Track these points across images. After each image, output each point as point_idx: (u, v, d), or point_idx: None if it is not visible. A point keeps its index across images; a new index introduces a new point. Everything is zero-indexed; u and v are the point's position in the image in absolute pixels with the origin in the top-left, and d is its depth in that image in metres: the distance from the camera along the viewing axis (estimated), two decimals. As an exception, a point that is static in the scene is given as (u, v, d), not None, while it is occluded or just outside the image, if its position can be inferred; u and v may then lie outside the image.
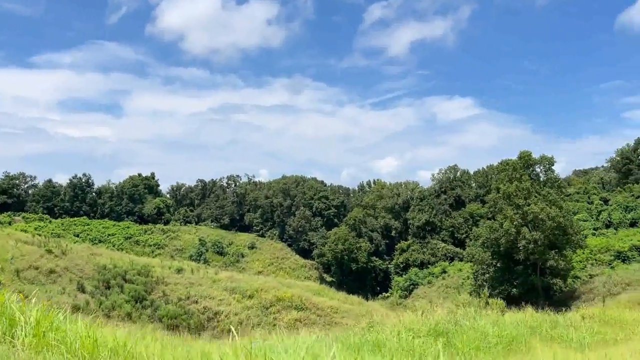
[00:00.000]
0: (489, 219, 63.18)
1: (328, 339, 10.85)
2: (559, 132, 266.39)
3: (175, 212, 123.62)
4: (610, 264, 69.74)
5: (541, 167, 61.65)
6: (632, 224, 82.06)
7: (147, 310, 39.98)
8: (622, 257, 70.81)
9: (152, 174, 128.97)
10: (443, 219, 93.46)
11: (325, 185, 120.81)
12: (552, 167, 61.80)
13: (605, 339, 15.45)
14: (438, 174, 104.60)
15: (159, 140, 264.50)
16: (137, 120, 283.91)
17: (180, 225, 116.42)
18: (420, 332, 10.99)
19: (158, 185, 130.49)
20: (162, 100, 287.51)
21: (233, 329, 9.28)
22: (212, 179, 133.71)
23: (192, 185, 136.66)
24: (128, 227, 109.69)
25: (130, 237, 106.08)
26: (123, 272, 43.74)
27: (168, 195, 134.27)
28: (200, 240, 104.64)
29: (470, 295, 73.69)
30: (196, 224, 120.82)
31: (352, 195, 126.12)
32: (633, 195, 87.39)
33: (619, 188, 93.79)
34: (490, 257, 59.76)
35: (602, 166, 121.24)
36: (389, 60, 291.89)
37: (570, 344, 15.07)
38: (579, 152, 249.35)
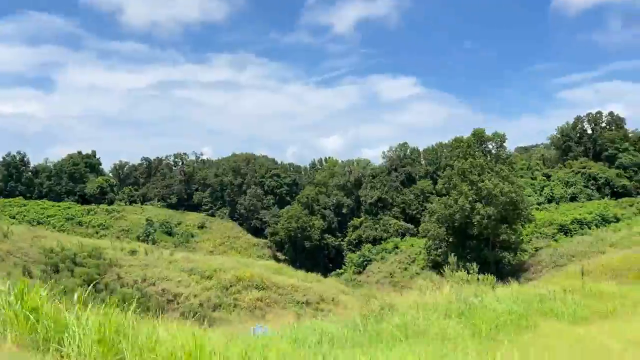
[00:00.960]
0: (443, 195, 64.32)
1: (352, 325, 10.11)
2: (498, 111, 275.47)
3: (120, 192, 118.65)
4: (554, 237, 73.07)
5: (493, 144, 63.09)
6: (572, 199, 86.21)
7: (102, 294, 37.85)
8: (565, 230, 74.36)
9: (93, 152, 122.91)
10: (394, 196, 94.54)
11: (277, 163, 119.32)
12: (504, 144, 63.39)
13: (596, 312, 15.54)
14: (388, 151, 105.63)
15: (95, 117, 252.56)
16: (72, 96, 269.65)
17: (125, 205, 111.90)
18: (440, 313, 10.46)
19: (100, 164, 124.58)
20: (98, 75, 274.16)
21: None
22: (158, 157, 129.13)
23: (137, 164, 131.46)
24: (69, 208, 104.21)
25: (71, 218, 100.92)
26: (72, 255, 41.18)
27: (111, 174, 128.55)
28: (147, 220, 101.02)
29: (423, 269, 75.57)
30: (142, 203, 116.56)
31: (303, 173, 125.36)
32: (573, 171, 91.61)
33: (559, 164, 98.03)
34: (444, 233, 60.93)
35: (542, 143, 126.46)
36: (333, 38, 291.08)
37: (564, 317, 15.05)
38: (517, 131, 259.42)
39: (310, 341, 8.46)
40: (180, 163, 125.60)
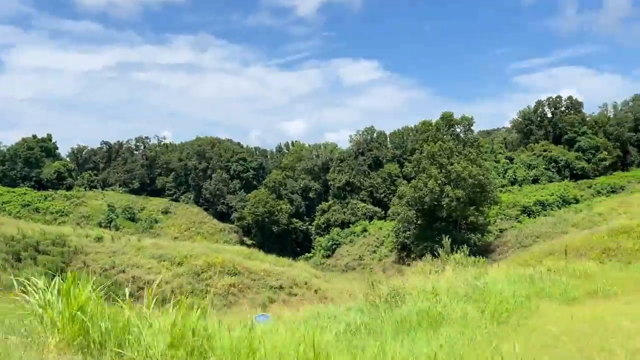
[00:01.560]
0: (412, 178, 64.76)
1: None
2: (457, 95, 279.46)
3: (79, 177, 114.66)
4: (517, 219, 74.93)
5: (461, 128, 63.74)
6: (534, 181, 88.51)
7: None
8: (528, 212, 76.32)
9: (49, 135, 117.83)
10: (362, 180, 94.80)
11: (242, 147, 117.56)
12: (472, 127, 64.14)
13: (586, 292, 15.68)
14: (355, 135, 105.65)
15: (48, 100, 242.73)
16: (22, 78, 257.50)
17: (85, 190, 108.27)
18: (452, 297, 10.18)
19: (56, 148, 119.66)
20: (50, 56, 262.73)
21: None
22: (118, 141, 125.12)
23: (96, 148, 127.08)
24: (25, 194, 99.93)
25: (28, 205, 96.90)
26: (35, 243, 39.31)
27: (68, 159, 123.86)
28: (109, 206, 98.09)
29: (391, 252, 76.29)
30: (103, 189, 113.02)
31: (269, 157, 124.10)
32: (534, 154, 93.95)
33: (522, 147, 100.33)
34: (414, 215, 61.47)
35: (504, 127, 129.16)
36: (296, 20, 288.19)
37: (556, 298, 15.10)
38: (475, 116, 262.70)
39: (337, 330, 8.01)
40: (142, 147, 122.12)
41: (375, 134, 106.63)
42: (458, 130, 63.63)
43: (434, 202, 57.99)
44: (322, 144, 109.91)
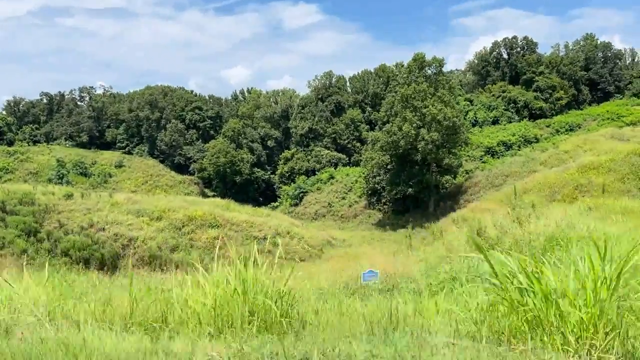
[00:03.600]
0: (377, 124, 63.89)
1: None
2: (399, 40, 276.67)
3: (19, 132, 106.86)
4: (481, 159, 76.41)
5: (432, 69, 62.88)
6: (494, 122, 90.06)
7: (45, 244, 33.74)
8: (492, 153, 77.94)
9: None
10: (325, 126, 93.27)
11: (197, 95, 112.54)
12: (443, 69, 63.47)
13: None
14: (313, 80, 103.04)
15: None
16: None
17: (29, 145, 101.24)
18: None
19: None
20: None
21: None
22: (60, 92, 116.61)
23: (34, 100, 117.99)
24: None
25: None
26: (1, 203, 36.05)
27: (5, 112, 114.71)
28: (58, 161, 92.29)
29: (361, 197, 76.29)
30: (48, 143, 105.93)
31: (224, 105, 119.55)
32: (493, 95, 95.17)
33: (480, 89, 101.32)
34: (389, 160, 61.13)
35: (458, 69, 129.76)
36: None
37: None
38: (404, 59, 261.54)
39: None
40: (87, 98, 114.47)
41: (334, 79, 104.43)
42: (429, 72, 62.71)
43: (409, 145, 57.62)
44: (281, 90, 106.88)
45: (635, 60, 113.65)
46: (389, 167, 65.23)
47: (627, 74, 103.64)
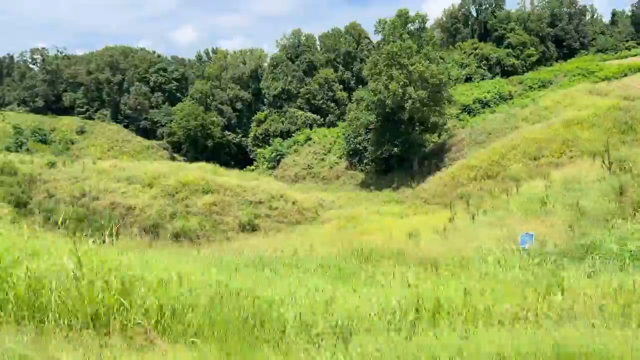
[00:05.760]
0: (368, 81, 62.58)
1: None
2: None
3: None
4: (458, 117, 76.60)
5: (415, 25, 61.64)
6: (467, 79, 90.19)
7: (37, 217, 31.36)
8: (468, 110, 78.13)
9: None
10: (298, 86, 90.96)
11: (160, 57, 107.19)
12: (425, 25, 62.33)
13: None
14: (282, 39, 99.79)
15: None
16: None
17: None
18: None
19: None
20: None
21: None
22: (8, 54, 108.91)
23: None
24: None
25: None
26: (-19, 174, 33.20)
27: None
28: (15, 127, 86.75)
29: (341, 158, 75.41)
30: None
31: (188, 66, 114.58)
32: (465, 52, 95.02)
33: (451, 47, 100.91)
34: (375, 119, 60.24)
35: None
36: None
37: None
38: (373, 19, 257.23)
39: None
40: (39, 59, 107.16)
41: (303, 38, 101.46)
42: (412, 28, 61.45)
43: (396, 104, 56.72)
44: (249, 49, 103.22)
45: (595, 16, 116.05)
46: (371, 127, 64.40)
47: (590, 30, 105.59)
